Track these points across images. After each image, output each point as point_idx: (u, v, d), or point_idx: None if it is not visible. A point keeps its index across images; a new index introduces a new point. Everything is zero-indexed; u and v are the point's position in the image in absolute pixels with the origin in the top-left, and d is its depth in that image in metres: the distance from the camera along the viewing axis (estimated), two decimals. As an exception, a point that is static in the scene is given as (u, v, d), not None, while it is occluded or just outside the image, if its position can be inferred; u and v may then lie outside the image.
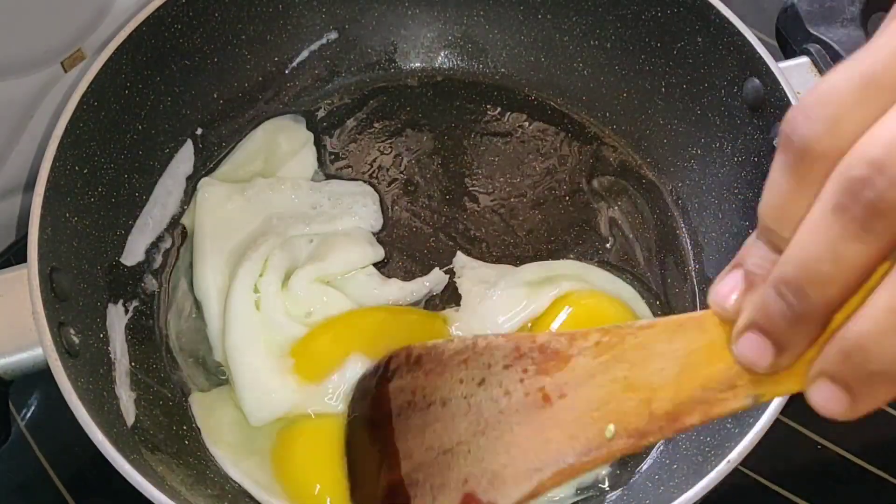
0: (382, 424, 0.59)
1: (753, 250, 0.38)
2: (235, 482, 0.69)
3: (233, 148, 0.84)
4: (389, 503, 0.56)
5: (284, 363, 0.71)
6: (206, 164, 0.83)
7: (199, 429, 0.71)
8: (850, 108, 0.33)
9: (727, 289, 0.40)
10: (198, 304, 0.76)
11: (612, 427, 0.44)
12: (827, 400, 0.36)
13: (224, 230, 0.78)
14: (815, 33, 0.74)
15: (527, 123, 0.86)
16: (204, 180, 0.80)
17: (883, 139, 0.32)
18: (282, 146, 0.84)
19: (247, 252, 0.75)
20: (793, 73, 0.71)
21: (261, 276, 0.74)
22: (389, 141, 0.86)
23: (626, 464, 0.71)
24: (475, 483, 0.51)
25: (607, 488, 0.69)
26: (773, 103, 0.70)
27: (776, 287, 0.36)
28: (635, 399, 0.43)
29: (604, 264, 0.79)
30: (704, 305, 0.77)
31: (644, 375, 0.43)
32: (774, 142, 0.70)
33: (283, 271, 0.75)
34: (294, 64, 0.86)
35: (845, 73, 0.34)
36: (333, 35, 0.87)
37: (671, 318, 0.43)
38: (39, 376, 0.62)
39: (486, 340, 0.53)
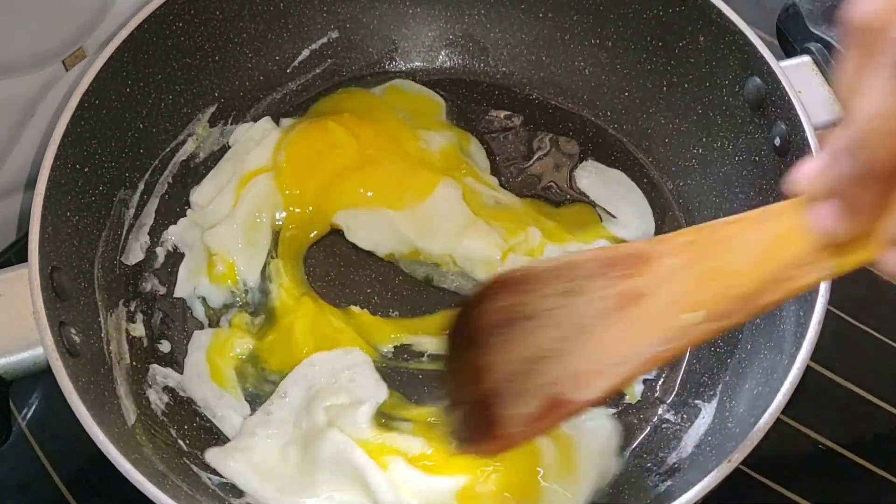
0: (473, 345, 0.60)
1: (834, 134, 0.41)
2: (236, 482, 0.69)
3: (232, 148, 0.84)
4: (475, 416, 0.56)
5: None
6: (205, 164, 0.82)
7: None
8: None
9: (809, 167, 0.42)
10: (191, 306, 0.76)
11: (691, 315, 0.47)
12: None
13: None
14: (816, 32, 0.74)
15: (528, 122, 0.86)
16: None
17: None
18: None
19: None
20: (794, 72, 0.71)
21: None
22: (390, 140, 0.86)
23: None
24: (559, 385, 0.52)
25: (608, 489, 0.69)
26: (775, 102, 0.70)
27: (845, 149, 0.39)
28: (716, 286, 0.46)
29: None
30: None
31: (726, 265, 0.46)
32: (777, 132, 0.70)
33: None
34: (295, 63, 0.86)
35: None
36: (334, 34, 0.87)
37: (753, 212, 0.46)
38: (40, 376, 0.62)
39: (573, 256, 0.57)
